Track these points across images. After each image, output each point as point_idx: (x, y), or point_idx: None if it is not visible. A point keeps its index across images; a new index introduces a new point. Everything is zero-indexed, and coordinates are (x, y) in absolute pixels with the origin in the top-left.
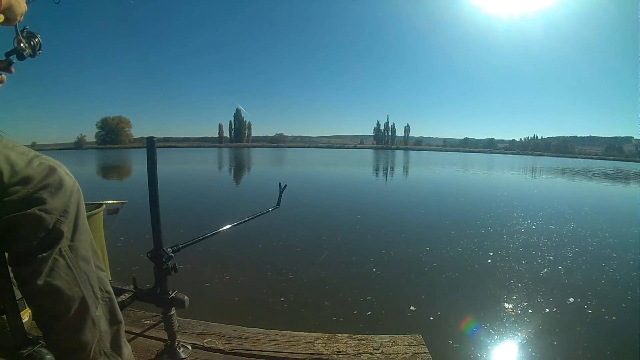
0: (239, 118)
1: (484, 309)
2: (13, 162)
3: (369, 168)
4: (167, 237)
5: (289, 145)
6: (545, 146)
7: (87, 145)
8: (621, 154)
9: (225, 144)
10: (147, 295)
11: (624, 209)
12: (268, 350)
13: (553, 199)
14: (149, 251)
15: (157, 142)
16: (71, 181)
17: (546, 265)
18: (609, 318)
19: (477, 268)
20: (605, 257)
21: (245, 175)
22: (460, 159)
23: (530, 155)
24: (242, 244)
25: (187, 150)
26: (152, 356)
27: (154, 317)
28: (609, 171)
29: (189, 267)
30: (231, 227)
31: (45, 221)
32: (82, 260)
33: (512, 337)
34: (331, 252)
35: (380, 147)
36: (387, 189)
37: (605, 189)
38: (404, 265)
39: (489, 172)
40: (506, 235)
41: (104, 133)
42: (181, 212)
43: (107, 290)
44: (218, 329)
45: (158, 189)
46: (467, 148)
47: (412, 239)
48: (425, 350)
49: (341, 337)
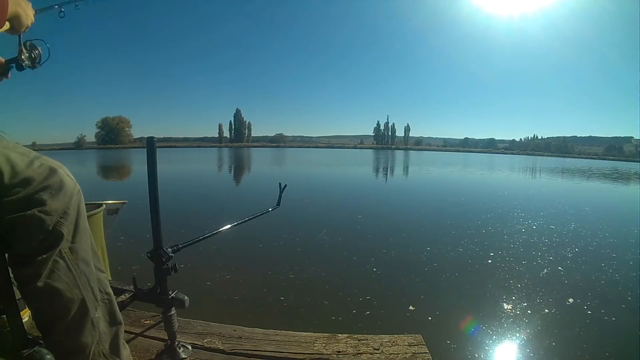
0: (239, 118)
1: (484, 309)
2: (14, 163)
3: (369, 168)
4: (167, 237)
5: (289, 145)
6: (545, 146)
7: (87, 145)
8: (621, 154)
9: (225, 144)
10: (147, 295)
11: (625, 209)
12: (268, 350)
13: (553, 199)
14: (149, 251)
15: (157, 142)
16: (72, 183)
17: (546, 266)
18: (609, 319)
19: (478, 268)
20: (605, 257)
21: (245, 176)
22: (460, 159)
23: (530, 155)
24: (242, 244)
25: (187, 150)
26: (152, 356)
27: (154, 317)
28: (606, 171)
29: (189, 267)
30: (231, 227)
31: (45, 223)
32: (82, 262)
33: (511, 338)
34: (332, 252)
35: (380, 147)
36: (387, 189)
37: (605, 189)
38: (405, 265)
39: (489, 172)
40: (507, 235)
41: (104, 133)
42: (181, 212)
43: (107, 292)
44: (218, 329)
45: (158, 189)
46: (467, 148)
47: (412, 239)
48: (425, 350)
49: (341, 337)
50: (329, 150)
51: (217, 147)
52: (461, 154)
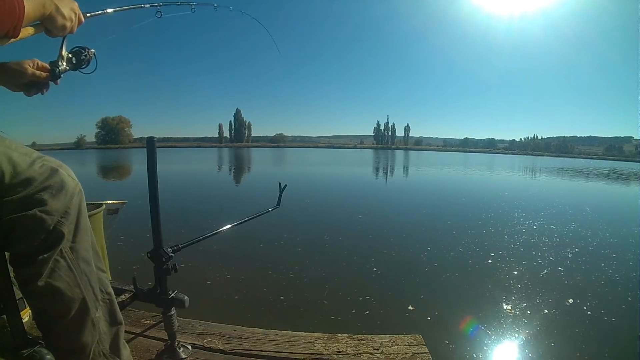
0: (239, 118)
1: (484, 309)
2: (15, 163)
3: (370, 168)
4: (167, 237)
5: (289, 145)
6: (545, 146)
7: (87, 145)
8: (621, 154)
9: (225, 144)
10: (147, 295)
11: (625, 209)
12: (268, 350)
13: (554, 198)
14: (149, 251)
15: (157, 142)
16: (73, 182)
17: (546, 266)
18: (609, 319)
19: (478, 268)
20: (605, 257)
21: (245, 176)
22: (460, 159)
23: (530, 155)
24: (242, 244)
25: (187, 150)
26: (152, 356)
27: (154, 317)
28: (604, 171)
29: (189, 267)
30: (231, 227)
31: (46, 222)
32: (83, 262)
33: (511, 338)
34: (332, 252)
35: (380, 147)
36: (388, 189)
37: (606, 189)
38: (405, 265)
39: (489, 172)
40: (507, 236)
41: (104, 133)
42: (181, 212)
43: (108, 292)
44: (218, 329)
45: (158, 189)
46: (467, 148)
47: (413, 239)
48: (425, 350)
49: (341, 337)
50: (329, 150)
51: (217, 147)
52: (461, 154)
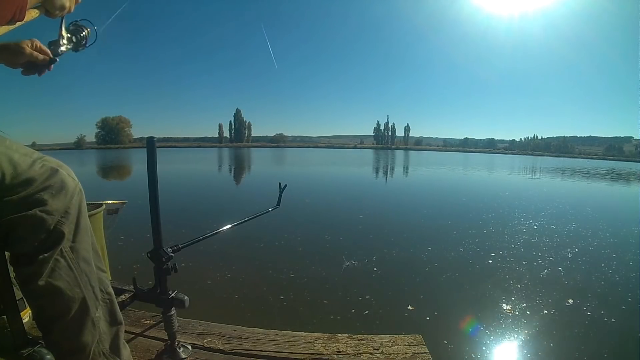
0: (239, 118)
1: (484, 309)
2: (16, 164)
3: (370, 168)
4: (167, 237)
5: (289, 145)
6: (545, 146)
7: (87, 145)
8: (621, 154)
9: (225, 144)
10: (147, 295)
11: (625, 209)
12: (268, 350)
13: (554, 198)
14: (149, 251)
15: (157, 142)
16: (73, 182)
17: (546, 266)
18: (608, 320)
19: (478, 268)
20: (605, 257)
21: (245, 175)
22: (460, 159)
23: (530, 155)
24: (242, 244)
25: (187, 150)
26: (152, 356)
27: (154, 317)
28: (602, 171)
29: (189, 267)
30: (231, 227)
31: (46, 222)
32: (83, 262)
33: (511, 338)
34: (332, 252)
35: (381, 147)
36: (388, 188)
37: (606, 189)
38: (405, 265)
39: (490, 172)
40: (508, 236)
41: (104, 133)
42: (181, 212)
43: (108, 292)
44: (218, 329)
45: (158, 189)
46: (467, 148)
47: (414, 238)
48: (425, 350)
49: (341, 337)
50: (329, 150)
51: (217, 147)
52: (461, 154)
